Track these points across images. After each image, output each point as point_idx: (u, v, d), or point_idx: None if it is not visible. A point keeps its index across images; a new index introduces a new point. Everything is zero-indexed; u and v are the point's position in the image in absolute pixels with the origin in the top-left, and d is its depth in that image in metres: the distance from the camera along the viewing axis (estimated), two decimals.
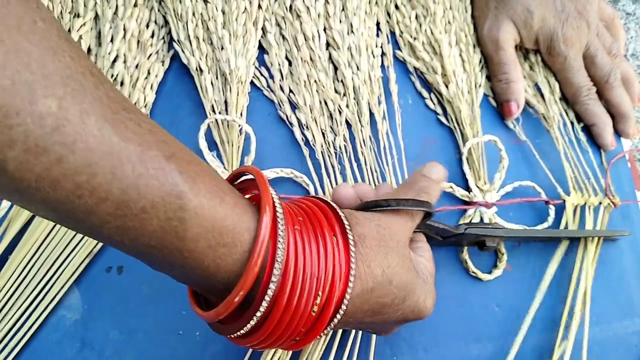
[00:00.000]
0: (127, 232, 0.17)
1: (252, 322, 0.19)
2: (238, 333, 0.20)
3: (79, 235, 0.32)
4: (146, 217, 0.16)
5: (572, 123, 0.41)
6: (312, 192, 0.34)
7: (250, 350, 0.30)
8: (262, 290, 0.19)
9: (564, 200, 0.37)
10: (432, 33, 0.40)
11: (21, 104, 0.14)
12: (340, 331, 0.30)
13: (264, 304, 0.19)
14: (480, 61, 0.41)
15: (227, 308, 0.18)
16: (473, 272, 0.34)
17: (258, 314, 0.19)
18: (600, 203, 0.38)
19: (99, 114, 0.15)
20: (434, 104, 0.39)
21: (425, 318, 0.25)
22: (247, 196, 0.22)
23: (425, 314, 0.25)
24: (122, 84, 0.34)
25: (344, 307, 0.20)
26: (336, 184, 0.35)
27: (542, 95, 0.41)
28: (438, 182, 0.28)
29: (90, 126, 0.15)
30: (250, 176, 0.22)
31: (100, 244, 0.31)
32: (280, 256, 0.19)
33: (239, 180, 0.23)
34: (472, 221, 0.36)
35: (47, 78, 0.15)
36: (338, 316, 0.21)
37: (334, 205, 0.23)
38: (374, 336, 0.31)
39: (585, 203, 0.37)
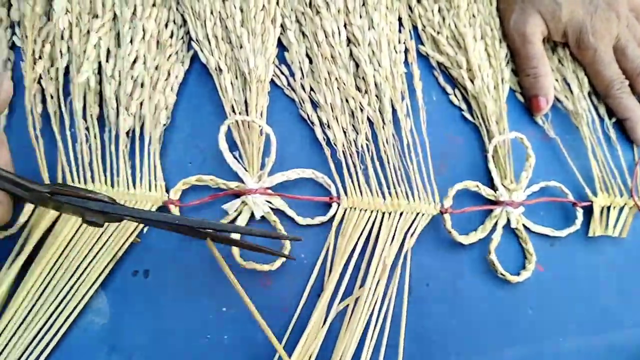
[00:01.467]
0: None
1: None
2: None
3: (103, 239, 0.31)
4: None
5: (601, 119, 0.40)
6: (334, 193, 0.34)
7: (278, 354, 0.29)
8: None
9: (592, 202, 0.36)
10: (456, 27, 0.39)
11: None
12: (370, 330, 0.30)
13: None
14: (506, 56, 0.40)
15: None
16: (502, 273, 0.33)
17: None
18: (625, 204, 0.37)
19: None
20: (458, 99, 0.38)
21: None
22: None
23: None
24: (142, 85, 0.34)
25: None
26: (358, 183, 0.34)
27: (570, 91, 0.40)
28: None
29: None
30: None
31: (124, 248, 0.31)
32: None
33: None
34: (499, 222, 0.34)
35: None
36: None
37: None
38: (402, 337, 0.30)
39: (611, 204, 0.36)
